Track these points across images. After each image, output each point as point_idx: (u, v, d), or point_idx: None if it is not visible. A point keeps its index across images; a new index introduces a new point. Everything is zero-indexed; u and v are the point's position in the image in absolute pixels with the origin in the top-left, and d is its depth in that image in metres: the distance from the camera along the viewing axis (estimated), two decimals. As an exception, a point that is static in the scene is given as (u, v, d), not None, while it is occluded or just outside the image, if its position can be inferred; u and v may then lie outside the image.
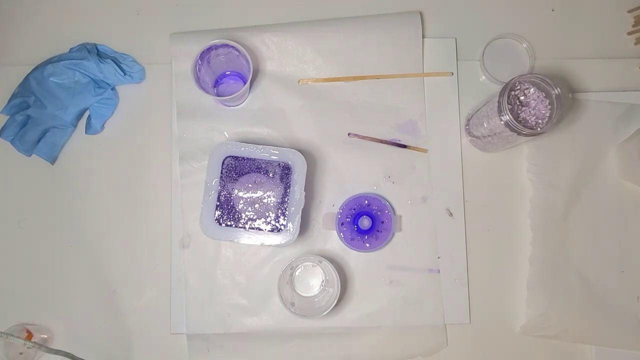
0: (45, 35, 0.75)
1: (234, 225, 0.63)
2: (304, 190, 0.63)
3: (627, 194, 0.73)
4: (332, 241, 0.72)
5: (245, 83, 0.67)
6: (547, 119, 0.63)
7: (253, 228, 0.63)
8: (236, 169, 0.64)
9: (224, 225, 0.63)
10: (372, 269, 0.71)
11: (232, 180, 0.63)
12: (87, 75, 0.71)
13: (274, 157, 0.63)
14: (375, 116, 0.74)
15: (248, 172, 0.64)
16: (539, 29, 0.77)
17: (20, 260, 0.72)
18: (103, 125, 0.73)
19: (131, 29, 0.76)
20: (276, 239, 0.62)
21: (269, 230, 0.63)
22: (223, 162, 0.63)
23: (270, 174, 0.64)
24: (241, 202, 0.63)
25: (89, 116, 0.72)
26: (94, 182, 0.73)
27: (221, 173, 0.63)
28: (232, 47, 0.66)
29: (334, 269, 0.65)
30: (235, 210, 0.63)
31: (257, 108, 0.73)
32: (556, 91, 0.62)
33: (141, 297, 0.71)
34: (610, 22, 0.78)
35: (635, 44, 0.77)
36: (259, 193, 0.63)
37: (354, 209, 0.71)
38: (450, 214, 0.73)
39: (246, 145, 0.63)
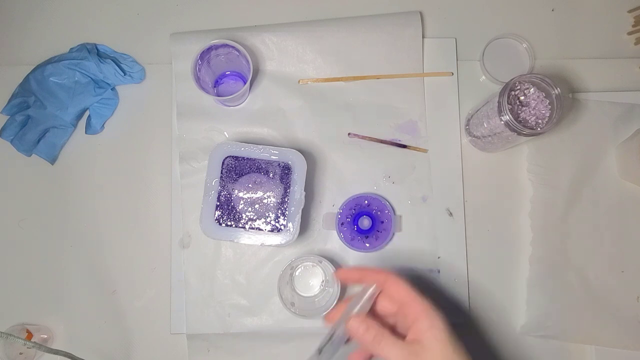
0: (45, 35, 0.75)
1: (234, 225, 0.63)
2: (304, 190, 0.63)
3: (627, 194, 0.73)
4: (332, 241, 0.72)
5: (245, 83, 0.67)
6: (547, 119, 0.63)
7: (253, 228, 0.63)
8: (236, 169, 0.64)
9: (224, 225, 0.63)
10: (372, 269, 0.71)
11: (232, 181, 0.63)
12: (87, 75, 0.71)
13: (274, 157, 0.64)
14: (375, 116, 0.74)
15: (248, 172, 0.64)
16: (539, 29, 0.77)
17: (20, 260, 0.72)
18: (103, 125, 0.73)
19: (131, 29, 0.76)
20: (276, 239, 0.62)
21: (269, 230, 0.63)
22: (223, 162, 0.64)
23: (270, 174, 0.64)
24: (241, 202, 0.63)
25: (89, 116, 0.72)
26: (94, 182, 0.73)
27: (221, 173, 0.63)
28: (232, 47, 0.66)
29: (334, 269, 0.65)
30: (235, 210, 0.63)
31: (257, 108, 0.73)
32: (556, 91, 0.62)
33: (141, 297, 0.71)
34: (610, 22, 0.78)
35: (635, 44, 0.77)
36: (259, 193, 0.63)
37: (354, 209, 0.71)
38: (450, 214, 0.73)
39: (246, 145, 0.63)
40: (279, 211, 0.63)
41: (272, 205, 0.63)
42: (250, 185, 0.64)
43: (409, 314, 0.47)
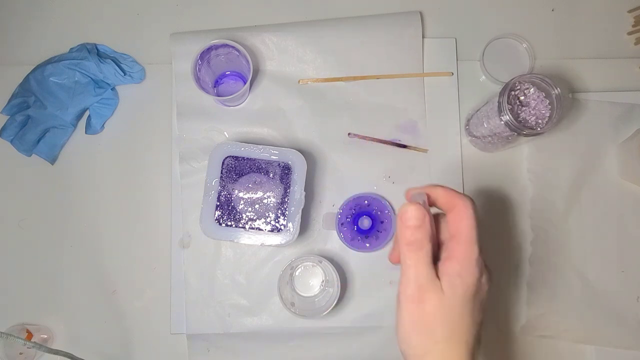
0: (45, 35, 0.75)
1: (234, 225, 0.63)
2: (304, 190, 0.63)
3: (627, 194, 0.73)
4: (332, 241, 0.72)
5: (245, 83, 0.67)
6: (547, 119, 0.63)
7: (253, 228, 0.63)
8: (236, 169, 0.64)
9: (224, 225, 0.63)
10: (372, 269, 0.71)
11: (232, 181, 0.63)
12: (87, 75, 0.71)
13: (274, 157, 0.63)
14: (375, 116, 0.74)
15: (248, 172, 0.64)
16: (539, 29, 0.77)
17: (20, 260, 0.72)
18: (103, 125, 0.73)
19: (131, 29, 0.76)
20: (276, 239, 0.62)
21: (269, 230, 0.63)
22: (223, 162, 0.64)
23: (271, 174, 0.64)
24: (241, 202, 0.63)
25: (89, 116, 0.72)
26: (94, 182, 0.73)
27: (221, 173, 0.63)
28: (232, 47, 0.66)
29: (334, 269, 0.65)
30: (236, 210, 0.63)
31: (257, 108, 0.73)
32: (556, 91, 0.62)
33: (141, 297, 0.71)
34: (610, 22, 0.78)
35: (635, 44, 0.77)
36: (259, 193, 0.63)
37: (354, 209, 0.71)
38: (450, 214, 0.72)
39: (246, 145, 0.63)
40: (279, 211, 0.63)
41: (272, 205, 0.63)
42: (250, 185, 0.64)
43: (453, 250, 0.41)
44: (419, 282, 0.40)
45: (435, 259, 0.42)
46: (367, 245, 0.70)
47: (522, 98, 0.64)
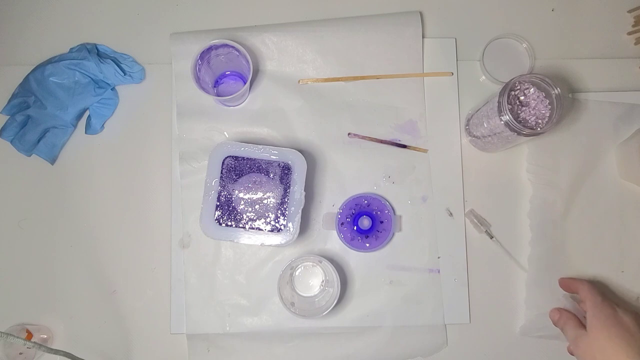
0: (45, 35, 0.75)
1: (234, 225, 0.63)
2: (304, 190, 0.63)
3: (627, 194, 0.73)
4: (332, 241, 0.72)
5: (245, 83, 0.67)
6: (547, 119, 0.63)
7: (253, 228, 0.63)
8: (236, 169, 0.64)
9: (223, 225, 0.63)
10: (372, 269, 0.71)
11: (232, 181, 0.63)
12: (87, 75, 0.71)
13: (274, 157, 0.64)
14: (375, 116, 0.74)
15: (248, 172, 0.64)
16: (539, 29, 0.77)
17: (20, 260, 0.72)
18: (103, 125, 0.73)
19: (131, 29, 0.76)
20: (276, 239, 0.62)
21: (269, 230, 0.63)
22: (223, 162, 0.64)
23: (270, 174, 0.64)
24: (241, 202, 0.63)
25: (89, 116, 0.72)
26: (94, 182, 0.73)
27: (221, 173, 0.63)
28: (232, 47, 0.66)
29: (334, 269, 0.65)
30: (236, 210, 0.63)
31: (257, 108, 0.73)
32: (556, 91, 0.62)
33: (141, 297, 0.71)
34: (610, 22, 0.78)
35: (635, 44, 0.77)
36: (259, 193, 0.63)
37: (354, 209, 0.71)
38: (450, 214, 0.73)
39: (246, 145, 0.63)
40: (279, 211, 0.63)
41: (272, 205, 0.63)
42: (250, 185, 0.64)
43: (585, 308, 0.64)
44: (573, 336, 0.63)
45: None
46: (367, 245, 0.70)
47: (522, 98, 0.64)
